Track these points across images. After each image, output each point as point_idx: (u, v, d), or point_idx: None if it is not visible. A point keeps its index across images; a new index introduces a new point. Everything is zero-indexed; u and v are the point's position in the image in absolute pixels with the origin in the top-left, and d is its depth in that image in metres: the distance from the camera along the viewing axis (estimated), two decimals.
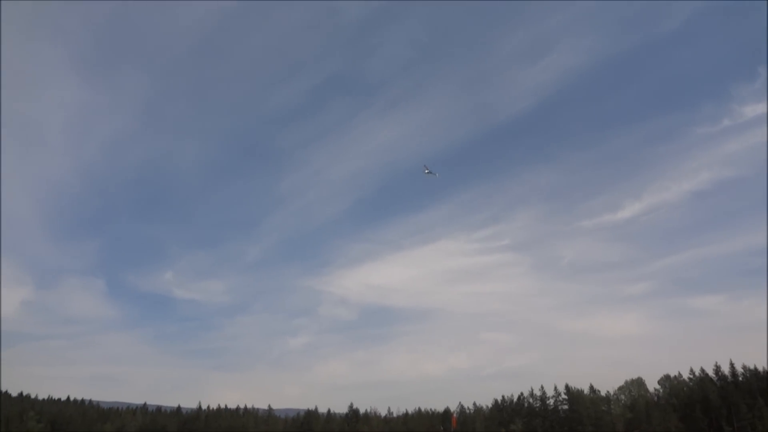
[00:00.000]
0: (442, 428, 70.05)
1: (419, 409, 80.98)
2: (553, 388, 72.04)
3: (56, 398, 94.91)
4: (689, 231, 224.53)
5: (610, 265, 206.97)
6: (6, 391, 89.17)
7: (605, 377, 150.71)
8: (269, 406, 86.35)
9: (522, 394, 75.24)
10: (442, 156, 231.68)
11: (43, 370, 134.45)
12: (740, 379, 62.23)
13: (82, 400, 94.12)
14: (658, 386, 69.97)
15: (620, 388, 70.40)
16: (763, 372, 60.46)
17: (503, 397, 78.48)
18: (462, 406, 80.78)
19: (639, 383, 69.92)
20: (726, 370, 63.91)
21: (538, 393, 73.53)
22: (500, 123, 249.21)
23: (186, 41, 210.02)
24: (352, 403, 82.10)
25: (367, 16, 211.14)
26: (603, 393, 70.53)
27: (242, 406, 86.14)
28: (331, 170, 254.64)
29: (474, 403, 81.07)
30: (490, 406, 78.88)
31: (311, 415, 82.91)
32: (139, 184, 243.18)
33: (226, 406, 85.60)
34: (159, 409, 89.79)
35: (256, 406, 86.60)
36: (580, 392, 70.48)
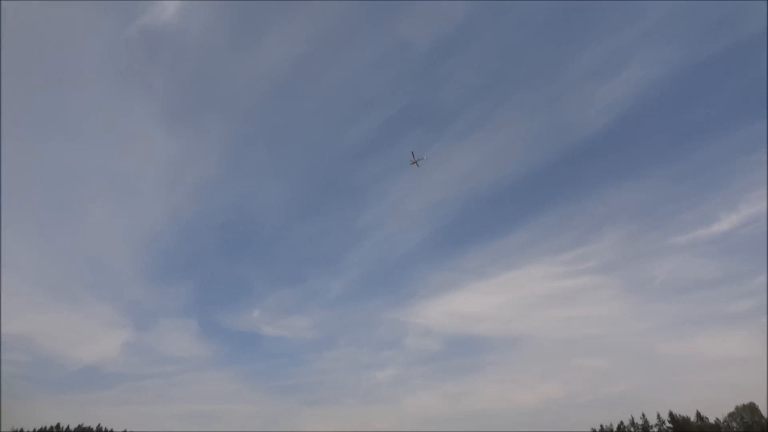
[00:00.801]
0: None
1: None
2: (656, 415, 70.46)
3: None
4: None
5: (709, 283, 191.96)
6: (111, 430, 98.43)
7: (713, 403, 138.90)
8: None
9: (622, 423, 73.88)
10: (520, 180, 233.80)
11: (142, 408, 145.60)
12: None
13: None
14: None
15: (731, 415, 67.52)
16: None
17: (602, 426, 77.37)
18: None
19: (752, 408, 66.71)
20: None
21: (639, 421, 72.02)
22: (578, 142, 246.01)
23: (263, 87, 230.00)
24: None
25: (436, 47, 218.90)
26: (712, 420, 67.95)
27: None
28: (408, 202, 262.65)
29: None
30: None
31: None
32: (225, 227, 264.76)
33: None
34: None
35: None
36: (686, 419, 68.27)
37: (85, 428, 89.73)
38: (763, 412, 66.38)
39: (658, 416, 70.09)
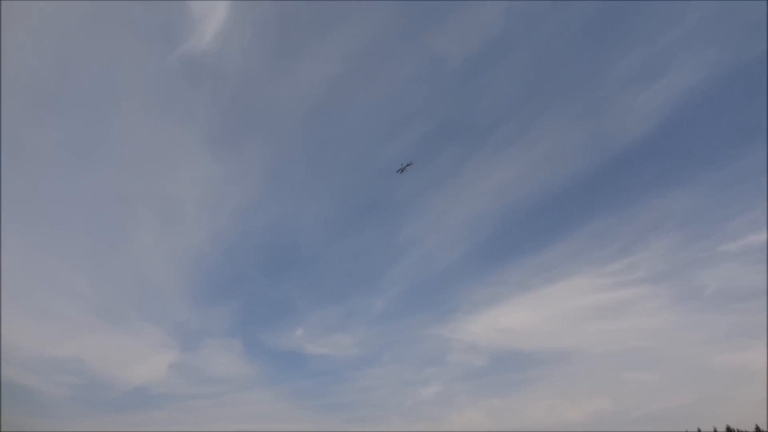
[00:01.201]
0: None
1: None
2: (712, 430, 69.42)
3: None
4: None
5: (761, 291, 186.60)
6: None
7: None
8: None
9: None
10: (561, 190, 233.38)
11: (191, 428, 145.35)
12: None
13: None
14: None
15: None
16: None
17: None
18: None
19: None
20: None
21: None
22: (620, 151, 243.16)
23: (301, 108, 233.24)
24: None
25: (471, 61, 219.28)
26: None
27: None
28: (448, 216, 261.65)
29: None
30: None
31: None
32: (266, 247, 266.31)
33: None
34: None
35: None
36: None
37: None
38: None
39: (715, 430, 69.35)
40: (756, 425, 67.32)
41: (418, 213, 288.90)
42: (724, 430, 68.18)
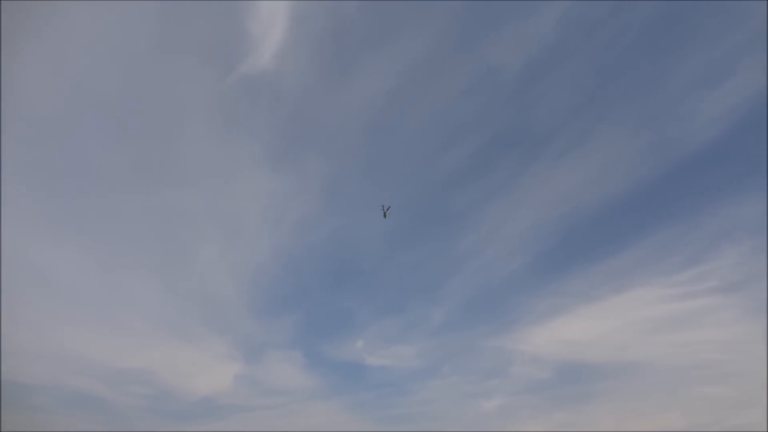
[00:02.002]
0: None
1: None
2: None
3: None
4: None
5: None
6: None
7: None
8: None
9: None
10: (625, 198, 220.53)
11: None
12: None
13: None
14: None
15: None
16: None
17: None
18: None
19: None
20: None
21: None
22: (686, 157, 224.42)
23: (357, 122, 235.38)
24: None
25: (527, 70, 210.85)
26: None
27: None
28: (507, 226, 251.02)
29: None
30: None
31: None
32: (326, 260, 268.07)
33: None
34: None
35: None
36: None
37: None
38: None
39: None
40: None
41: (477, 224, 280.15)
42: None
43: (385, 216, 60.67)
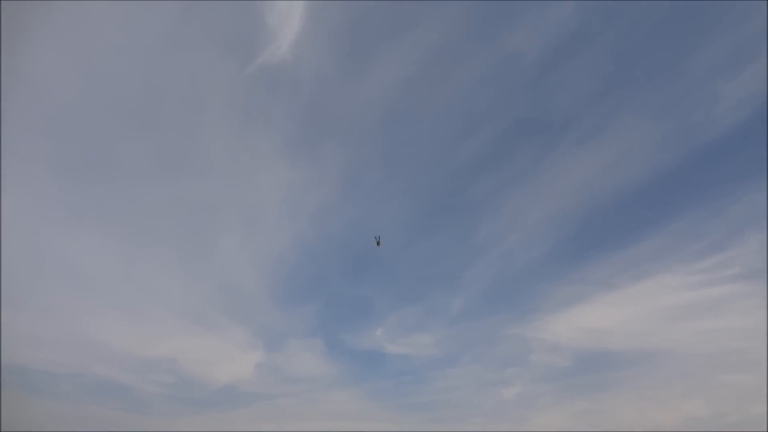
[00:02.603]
0: None
1: None
2: None
3: None
4: None
5: None
6: None
7: None
8: None
9: None
10: (646, 185, 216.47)
11: (277, 426, 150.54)
12: None
13: None
14: None
15: None
16: None
17: None
18: None
19: None
20: None
21: None
22: (709, 142, 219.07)
23: (375, 111, 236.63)
24: None
25: (546, 56, 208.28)
26: None
27: None
28: (527, 214, 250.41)
29: None
30: None
31: None
32: (345, 248, 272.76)
33: None
34: None
35: None
36: None
37: None
38: None
39: None
40: None
41: (496, 212, 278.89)
42: None
43: (378, 244, 61.10)
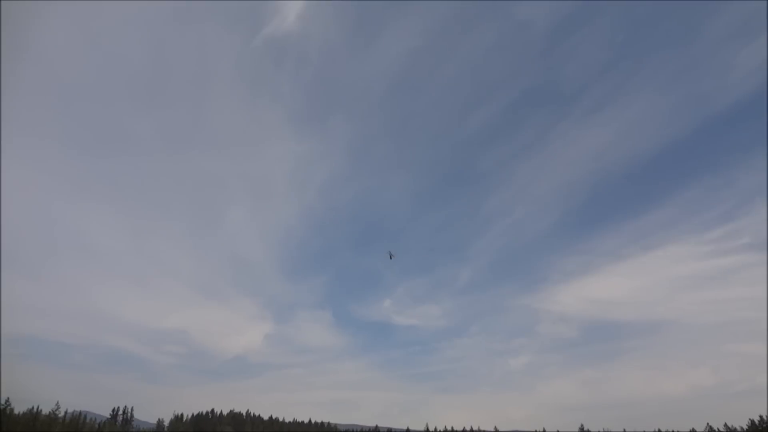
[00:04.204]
0: None
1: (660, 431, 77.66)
2: None
3: (299, 421, 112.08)
4: None
5: None
6: (258, 415, 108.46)
7: None
8: (495, 427, 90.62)
9: None
10: (657, 154, 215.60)
11: (287, 395, 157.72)
12: None
13: (322, 423, 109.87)
14: None
15: None
16: None
17: (761, 417, 71.44)
18: (711, 428, 75.29)
19: None
20: None
21: None
22: (719, 112, 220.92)
23: (382, 83, 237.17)
24: (582, 425, 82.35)
25: (557, 25, 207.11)
26: None
27: (468, 428, 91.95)
28: (536, 185, 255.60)
29: (726, 425, 74.88)
30: (745, 428, 72.30)
31: None
32: (353, 220, 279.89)
33: (452, 428, 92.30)
34: (390, 431, 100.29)
35: (481, 428, 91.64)
36: None
37: (236, 413, 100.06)
38: None
39: None
40: None
41: (505, 183, 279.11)
42: None
43: (391, 258, 61.98)
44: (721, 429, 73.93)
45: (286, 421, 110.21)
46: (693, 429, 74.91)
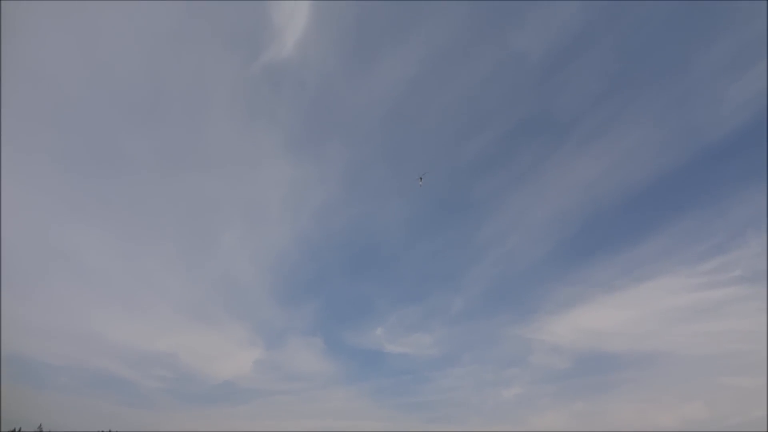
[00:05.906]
0: None
1: None
2: None
3: None
4: None
5: None
6: None
7: None
8: None
9: None
10: (649, 186, 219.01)
11: (275, 423, 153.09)
12: None
13: None
14: None
15: None
16: None
17: None
18: None
19: None
20: None
21: None
22: (711, 144, 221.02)
23: (379, 110, 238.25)
24: None
25: (551, 56, 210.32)
26: None
27: None
28: (529, 214, 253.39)
29: None
30: None
31: None
32: (346, 247, 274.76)
33: None
34: None
35: None
36: None
37: None
38: None
39: None
40: None
41: (499, 211, 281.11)
42: None
43: (421, 182, 61.26)
44: None
45: None
46: None
